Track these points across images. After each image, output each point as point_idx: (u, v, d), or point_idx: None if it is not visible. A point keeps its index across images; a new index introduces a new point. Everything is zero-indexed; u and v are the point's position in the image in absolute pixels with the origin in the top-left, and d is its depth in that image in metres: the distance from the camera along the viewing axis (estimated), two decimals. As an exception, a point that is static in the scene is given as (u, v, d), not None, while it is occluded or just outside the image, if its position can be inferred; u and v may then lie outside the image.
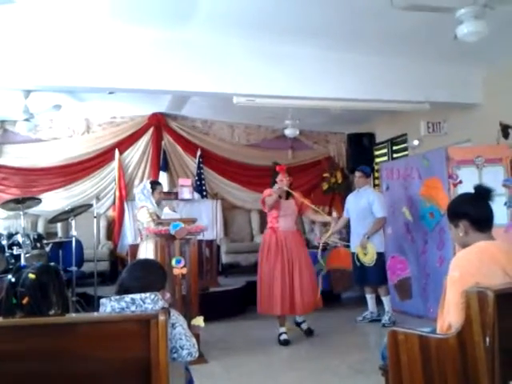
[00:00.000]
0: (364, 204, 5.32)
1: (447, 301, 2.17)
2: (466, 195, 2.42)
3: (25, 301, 1.94)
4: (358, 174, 5.50)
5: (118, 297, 2.03)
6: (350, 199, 5.61)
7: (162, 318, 1.76)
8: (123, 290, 2.09)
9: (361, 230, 5.30)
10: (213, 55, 4.99)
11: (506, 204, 5.14)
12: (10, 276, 2.02)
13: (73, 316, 2.26)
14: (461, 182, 5.11)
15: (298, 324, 4.95)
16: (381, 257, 5.29)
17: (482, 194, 2.29)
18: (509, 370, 2.07)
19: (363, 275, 5.31)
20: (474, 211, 2.25)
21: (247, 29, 4.83)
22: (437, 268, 5.12)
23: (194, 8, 4.34)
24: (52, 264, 2.25)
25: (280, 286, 4.58)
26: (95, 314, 2.47)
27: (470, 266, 2.12)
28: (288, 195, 4.85)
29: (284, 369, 3.99)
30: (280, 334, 4.69)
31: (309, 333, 4.88)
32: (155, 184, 5.11)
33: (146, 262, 2.77)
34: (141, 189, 4.86)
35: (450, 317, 2.14)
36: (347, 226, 5.76)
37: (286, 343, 4.61)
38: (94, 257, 5.73)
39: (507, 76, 5.55)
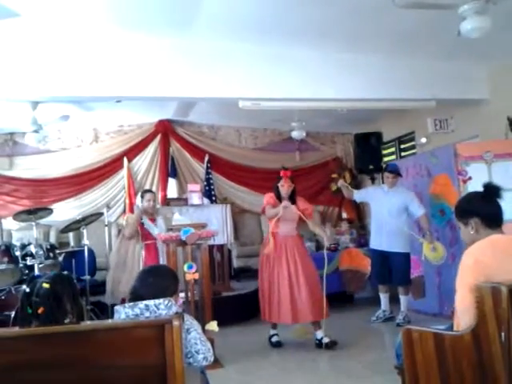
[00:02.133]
0: (399, 203, 5.23)
1: (460, 289, 2.14)
2: (474, 193, 2.43)
3: (40, 310, 1.96)
4: (390, 174, 5.30)
5: (131, 303, 2.04)
6: (377, 195, 5.44)
7: (176, 323, 1.77)
8: (136, 298, 2.10)
9: (394, 229, 5.21)
10: (217, 60, 5.01)
11: (516, 199, 5.10)
12: (24, 286, 2.04)
13: (88, 324, 2.28)
14: (470, 178, 5.09)
15: (320, 341, 4.51)
16: (407, 256, 5.29)
17: (492, 192, 2.30)
18: (525, 366, 2.05)
19: (389, 275, 5.28)
20: (484, 209, 2.26)
21: (251, 33, 4.85)
22: (449, 265, 5.09)
23: (197, 13, 4.36)
24: (65, 273, 2.27)
25: (280, 293, 4.47)
26: (110, 321, 2.49)
27: (483, 255, 2.12)
28: (291, 201, 4.66)
29: (299, 371, 3.98)
30: (271, 336, 4.71)
31: (332, 345, 4.48)
32: (144, 192, 5.35)
33: (158, 268, 2.79)
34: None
35: (469, 311, 2.08)
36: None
37: (278, 345, 4.63)
38: (107, 265, 5.76)
39: (513, 70, 5.52)
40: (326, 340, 4.48)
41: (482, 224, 2.25)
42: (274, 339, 4.73)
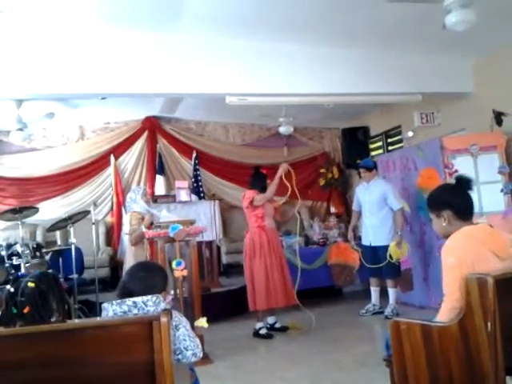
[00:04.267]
0: (377, 197, 5.32)
1: (446, 287, 2.18)
2: (446, 186, 2.48)
3: (25, 310, 1.94)
4: (361, 170, 5.53)
5: (119, 301, 2.03)
6: (361, 192, 5.59)
7: (163, 319, 1.76)
8: (126, 293, 2.09)
9: (376, 223, 5.33)
10: (203, 56, 4.99)
11: (502, 190, 5.16)
12: (8, 286, 2.01)
13: (74, 322, 2.26)
14: (456, 171, 5.12)
15: (272, 326, 4.98)
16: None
17: (463, 184, 2.33)
18: (512, 355, 2.07)
19: (379, 268, 5.32)
20: (456, 201, 2.30)
21: (237, 28, 4.83)
22: (436, 258, 5.12)
23: (183, 9, 4.34)
24: (50, 271, 2.24)
25: (276, 280, 4.75)
26: (97, 318, 2.47)
27: (462, 251, 2.16)
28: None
29: (290, 365, 3.99)
30: (260, 329, 4.82)
31: (285, 329, 4.97)
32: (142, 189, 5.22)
33: (148, 263, 2.77)
34: (128, 196, 4.90)
35: (452, 303, 2.12)
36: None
37: (269, 336, 4.77)
38: (95, 263, 5.72)
39: (497, 63, 5.56)
40: (278, 325, 4.97)
41: (454, 216, 2.29)
42: (263, 331, 4.81)
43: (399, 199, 5.32)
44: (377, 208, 5.33)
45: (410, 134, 7.04)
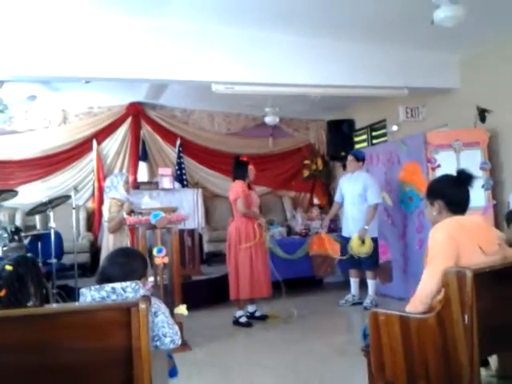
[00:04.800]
0: (359, 188, 5.32)
1: (430, 265, 2.18)
2: (447, 177, 2.48)
3: (2, 293, 1.91)
4: (349, 157, 5.49)
5: (98, 286, 2.00)
6: (344, 183, 5.58)
7: (142, 306, 1.75)
8: (105, 279, 2.07)
9: (357, 215, 5.34)
10: (190, 42, 4.92)
11: (483, 186, 5.23)
12: (-15, 269, 1.97)
13: (52, 306, 2.23)
14: (439, 165, 5.18)
15: (252, 314, 5.02)
16: (375, 241, 5.36)
17: (463, 179, 2.35)
18: (487, 347, 2.11)
19: (358, 260, 5.35)
20: (450, 194, 2.33)
21: (225, 15, 4.78)
22: (416, 251, 5.19)
23: (169, -6, 4.27)
24: (29, 255, 2.21)
25: (260, 270, 4.80)
26: (75, 303, 2.45)
27: (454, 231, 2.19)
28: (250, 187, 5.03)
29: (268, 353, 4.01)
30: (240, 317, 4.86)
31: (264, 318, 5.03)
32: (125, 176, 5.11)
33: (128, 249, 2.74)
34: (108, 180, 4.77)
35: (431, 281, 2.13)
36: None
37: (249, 325, 4.81)
38: (74, 249, 5.66)
39: (483, 60, 5.61)
40: (258, 313, 5.02)
41: (446, 207, 2.32)
42: (243, 320, 4.85)
43: (378, 195, 5.33)
44: (358, 200, 5.35)
45: (395, 128, 7.08)
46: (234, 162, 5.10)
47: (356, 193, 5.36)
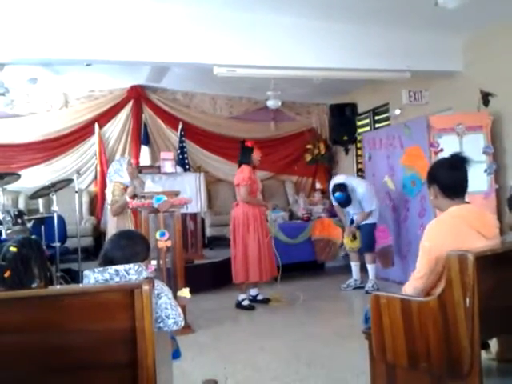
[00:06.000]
0: (356, 200, 5.44)
1: (418, 264, 2.24)
2: (441, 161, 2.48)
3: (7, 274, 1.93)
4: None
5: (101, 268, 2.02)
6: None
7: (145, 287, 1.76)
8: (107, 261, 2.08)
9: (351, 210, 5.52)
10: (192, 24, 4.87)
11: (486, 171, 5.22)
12: (-11, 250, 1.99)
13: (56, 288, 2.25)
14: (442, 149, 5.16)
15: (254, 298, 5.07)
16: (373, 226, 5.45)
17: (456, 162, 2.33)
18: (488, 330, 2.13)
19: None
20: (443, 178, 2.31)
21: (226, -3, 4.73)
22: (418, 235, 5.16)
23: (171, -25, 4.22)
24: (33, 237, 2.22)
25: (267, 253, 4.87)
26: (79, 285, 2.47)
27: (439, 238, 2.20)
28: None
29: (270, 336, 4.05)
30: (243, 300, 4.92)
31: (266, 301, 5.08)
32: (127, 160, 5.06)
33: (130, 232, 2.75)
34: (111, 165, 4.74)
35: (416, 282, 2.22)
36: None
37: (251, 308, 4.87)
38: (77, 232, 5.69)
39: (486, 43, 5.55)
40: (260, 297, 5.08)
41: (441, 192, 2.31)
42: (246, 303, 4.89)
43: (371, 203, 5.39)
44: (358, 207, 5.49)
45: (398, 111, 7.04)
46: (240, 146, 5.10)
47: (355, 204, 5.47)
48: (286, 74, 5.62)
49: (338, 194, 5.40)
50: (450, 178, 2.30)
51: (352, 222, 5.56)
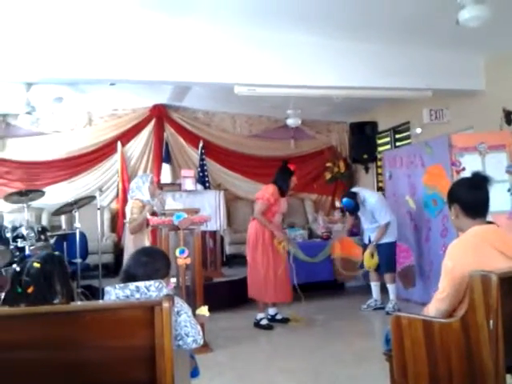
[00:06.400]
0: (368, 212, 5.45)
1: (440, 287, 2.20)
2: (462, 180, 2.46)
3: (30, 290, 1.95)
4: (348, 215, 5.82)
5: (122, 285, 2.03)
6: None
7: (166, 305, 1.77)
8: (129, 277, 2.10)
9: (373, 228, 5.46)
10: (213, 44, 4.97)
11: (509, 190, 5.13)
12: (14, 265, 2.02)
13: (77, 304, 2.27)
14: (464, 168, 5.09)
15: (273, 317, 5.03)
16: (392, 245, 5.40)
17: (477, 181, 2.30)
18: (513, 353, 2.07)
19: (377, 265, 5.41)
20: (464, 197, 2.28)
21: (247, 17, 4.80)
22: (440, 255, 5.10)
23: (193, -3, 4.31)
24: (56, 253, 2.25)
25: (285, 275, 4.86)
26: (100, 301, 2.48)
27: (462, 257, 2.15)
28: (283, 194, 5.01)
29: (289, 357, 4.01)
30: (261, 320, 4.88)
31: (285, 321, 5.02)
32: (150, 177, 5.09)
33: (152, 249, 2.77)
34: (133, 181, 4.77)
35: (440, 303, 2.18)
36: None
37: (270, 327, 4.82)
38: (99, 249, 5.75)
39: (509, 62, 5.51)
40: (279, 316, 5.03)
41: (462, 212, 2.27)
42: (264, 322, 4.86)
43: (386, 215, 5.35)
44: (371, 219, 5.47)
45: (419, 130, 7.00)
46: (282, 165, 5.12)
47: (368, 214, 5.47)
48: (307, 93, 5.65)
49: (345, 199, 5.44)
50: (471, 197, 2.27)
51: (369, 241, 5.50)
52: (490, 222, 2.30)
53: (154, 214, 4.42)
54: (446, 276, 2.19)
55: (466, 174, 4.92)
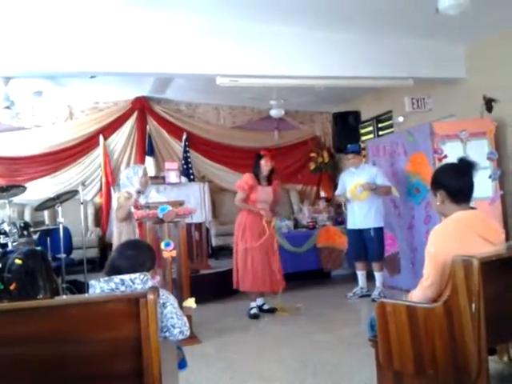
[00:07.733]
0: (365, 180, 5.30)
1: (425, 273, 2.23)
2: (448, 166, 2.47)
3: (12, 286, 1.94)
4: (350, 156, 5.52)
5: (107, 278, 2.02)
6: (347, 178, 5.54)
7: (151, 296, 1.76)
8: (113, 271, 2.08)
9: (364, 206, 5.33)
10: (194, 35, 4.93)
11: (490, 177, 5.21)
12: (-4, 262, 2.00)
13: (61, 298, 2.25)
14: (446, 156, 5.15)
15: (261, 307, 5.04)
16: (380, 232, 5.38)
17: (463, 168, 2.32)
18: (495, 336, 2.11)
19: (363, 251, 5.39)
20: (450, 183, 2.29)
21: (228, 8, 4.77)
22: (424, 242, 5.12)
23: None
24: (38, 248, 2.23)
25: (268, 265, 4.87)
26: (85, 295, 2.47)
27: (444, 242, 2.18)
28: (268, 182, 5.01)
29: (276, 346, 4.03)
30: (251, 309, 4.92)
31: (273, 311, 5.04)
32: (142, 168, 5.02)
33: (137, 241, 2.76)
34: (124, 171, 4.74)
35: (426, 290, 2.20)
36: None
37: (256, 317, 4.86)
38: (83, 244, 5.71)
39: (489, 49, 5.56)
40: (266, 306, 5.05)
41: (448, 197, 2.29)
42: (253, 311, 4.91)
43: (387, 180, 5.37)
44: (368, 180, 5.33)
45: (401, 119, 7.05)
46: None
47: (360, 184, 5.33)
48: (289, 83, 5.65)
49: (350, 145, 5.54)
50: (457, 183, 2.28)
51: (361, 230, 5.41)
52: (472, 208, 2.33)
53: (137, 207, 4.38)
54: (430, 262, 2.21)
55: (449, 161, 4.97)
